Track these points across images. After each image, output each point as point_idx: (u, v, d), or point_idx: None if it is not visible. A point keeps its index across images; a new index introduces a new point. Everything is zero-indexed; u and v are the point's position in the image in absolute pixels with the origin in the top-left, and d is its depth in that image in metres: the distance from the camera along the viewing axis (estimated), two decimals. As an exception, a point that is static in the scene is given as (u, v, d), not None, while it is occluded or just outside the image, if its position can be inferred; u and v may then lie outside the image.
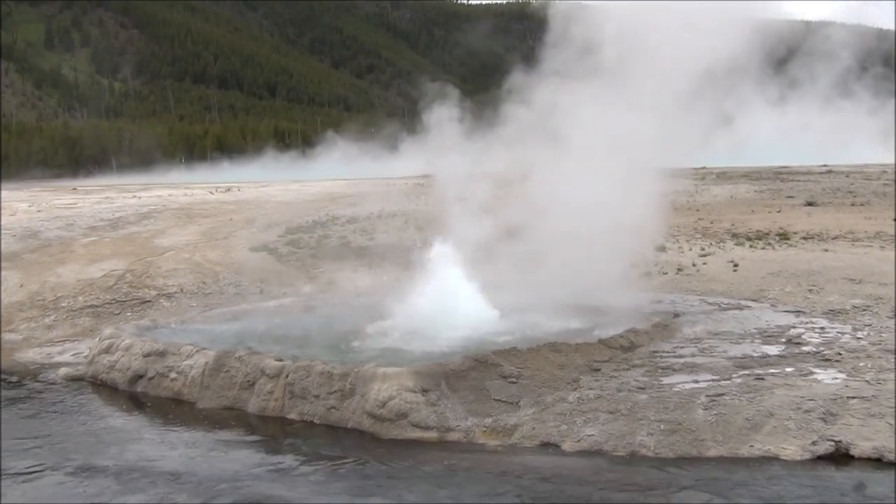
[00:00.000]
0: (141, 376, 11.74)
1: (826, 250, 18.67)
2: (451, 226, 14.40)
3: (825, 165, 42.30)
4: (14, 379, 12.69)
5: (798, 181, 34.31)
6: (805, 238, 20.30)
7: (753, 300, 14.87)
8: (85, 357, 13.06)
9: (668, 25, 13.80)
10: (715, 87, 14.30)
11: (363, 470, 8.64)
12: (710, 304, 14.63)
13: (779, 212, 25.30)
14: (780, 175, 37.54)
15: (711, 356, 11.13)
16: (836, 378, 9.99)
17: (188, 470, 8.68)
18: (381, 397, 9.64)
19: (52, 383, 12.39)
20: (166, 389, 11.42)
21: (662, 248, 18.92)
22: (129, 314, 15.70)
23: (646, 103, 13.62)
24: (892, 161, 41.18)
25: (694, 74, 13.53)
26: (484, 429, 9.35)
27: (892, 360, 10.48)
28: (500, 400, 9.76)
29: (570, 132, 14.25)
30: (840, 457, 8.29)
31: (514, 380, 10.05)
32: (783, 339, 11.92)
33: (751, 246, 19.67)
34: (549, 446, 8.93)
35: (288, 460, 8.94)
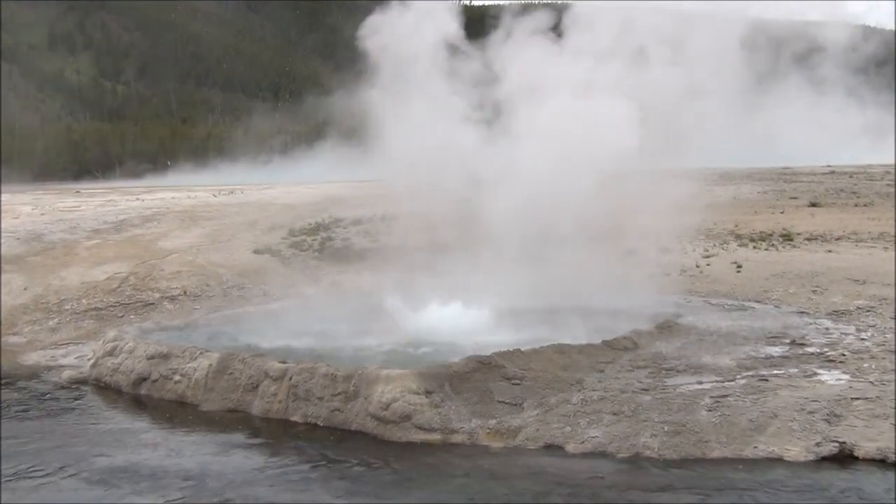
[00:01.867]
0: (144, 379, 11.75)
1: (829, 251, 18.65)
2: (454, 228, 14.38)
3: (829, 166, 42.21)
4: (17, 382, 12.69)
5: (801, 182, 34.24)
6: (808, 239, 20.28)
7: (757, 301, 14.86)
8: (88, 360, 13.07)
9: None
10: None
11: (367, 472, 8.64)
12: (713, 305, 14.62)
13: (782, 213, 25.27)
14: (784, 176, 37.46)
15: (715, 357, 11.12)
16: (840, 379, 9.98)
17: (192, 473, 8.68)
18: (385, 399, 9.64)
19: (56, 386, 12.39)
20: (170, 392, 11.42)
21: (666, 250, 18.89)
22: (132, 317, 15.72)
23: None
24: (893, 161, 40.97)
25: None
26: (488, 431, 9.34)
27: (896, 360, 10.47)
28: (503, 402, 9.75)
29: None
30: (844, 458, 8.29)
31: (517, 381, 10.04)
32: (787, 341, 11.92)
33: (754, 247, 19.65)
34: (552, 448, 8.92)
35: (292, 463, 8.94)
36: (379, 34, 14.30)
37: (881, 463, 8.11)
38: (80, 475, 8.71)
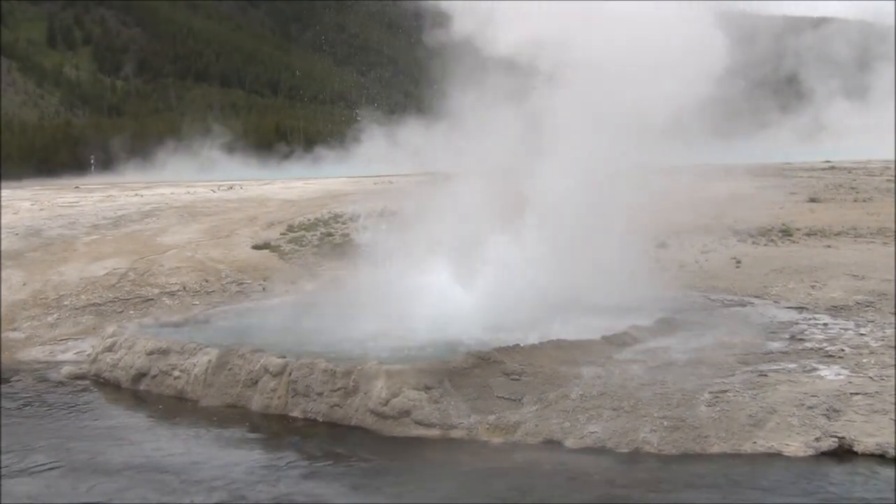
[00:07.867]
0: (144, 374, 11.76)
1: (829, 246, 18.64)
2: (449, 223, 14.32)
3: (828, 161, 42.13)
4: (17, 378, 12.70)
5: (801, 177, 34.18)
6: (808, 234, 20.26)
7: (756, 296, 14.85)
8: (88, 355, 13.08)
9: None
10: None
11: (366, 468, 8.65)
12: (712, 300, 14.61)
13: (781, 208, 25.23)
14: (783, 171, 37.42)
15: (714, 352, 11.12)
16: (840, 374, 9.99)
17: (192, 468, 8.69)
18: (384, 395, 9.64)
19: (55, 382, 12.40)
20: (169, 388, 11.43)
21: (664, 245, 18.87)
22: (131, 312, 15.71)
23: None
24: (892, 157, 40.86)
25: None
26: (487, 426, 9.34)
27: (895, 355, 10.47)
28: (502, 397, 9.75)
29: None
30: (843, 453, 8.29)
31: (516, 377, 10.04)
32: (786, 336, 11.92)
33: (753, 242, 19.63)
34: (552, 443, 8.92)
35: (291, 458, 8.94)
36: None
37: (880, 458, 8.11)
38: (79, 472, 8.70)
